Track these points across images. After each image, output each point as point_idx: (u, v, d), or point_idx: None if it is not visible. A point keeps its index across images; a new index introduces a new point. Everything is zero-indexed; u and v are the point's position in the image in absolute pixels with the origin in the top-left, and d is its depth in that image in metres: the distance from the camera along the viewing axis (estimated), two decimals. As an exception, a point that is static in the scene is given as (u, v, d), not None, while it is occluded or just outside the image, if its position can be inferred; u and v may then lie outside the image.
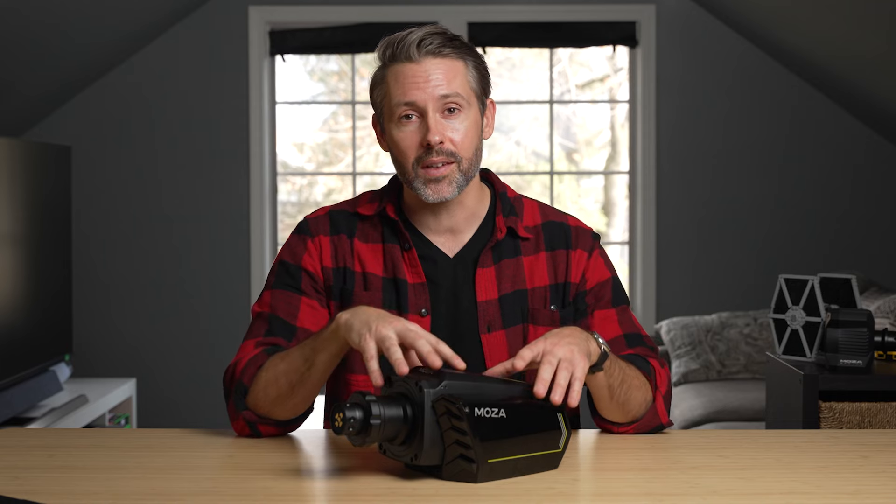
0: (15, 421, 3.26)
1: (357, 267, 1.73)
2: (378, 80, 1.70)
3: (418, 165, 1.66)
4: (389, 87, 1.67)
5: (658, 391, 1.68)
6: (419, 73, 1.64)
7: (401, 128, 1.67)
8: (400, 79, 1.66)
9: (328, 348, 1.54)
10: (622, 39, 4.91)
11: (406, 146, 1.67)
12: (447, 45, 1.66)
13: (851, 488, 1.37)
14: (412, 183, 1.68)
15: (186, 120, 4.91)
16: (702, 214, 4.93)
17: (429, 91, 1.64)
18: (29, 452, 1.57)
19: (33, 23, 3.82)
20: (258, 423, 1.64)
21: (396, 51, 1.66)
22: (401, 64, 1.66)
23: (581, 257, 1.76)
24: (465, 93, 1.67)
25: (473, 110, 1.69)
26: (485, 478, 1.35)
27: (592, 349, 1.52)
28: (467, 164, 1.67)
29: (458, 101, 1.66)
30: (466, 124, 1.67)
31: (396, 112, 1.66)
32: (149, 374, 4.89)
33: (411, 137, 1.66)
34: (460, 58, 1.68)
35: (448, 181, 1.66)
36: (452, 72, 1.66)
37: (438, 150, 1.64)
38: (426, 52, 1.65)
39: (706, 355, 4.35)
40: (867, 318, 2.36)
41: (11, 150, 3.39)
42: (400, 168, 1.70)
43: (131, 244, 4.93)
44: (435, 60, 1.65)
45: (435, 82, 1.64)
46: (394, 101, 1.66)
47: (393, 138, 1.68)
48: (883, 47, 3.96)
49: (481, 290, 1.72)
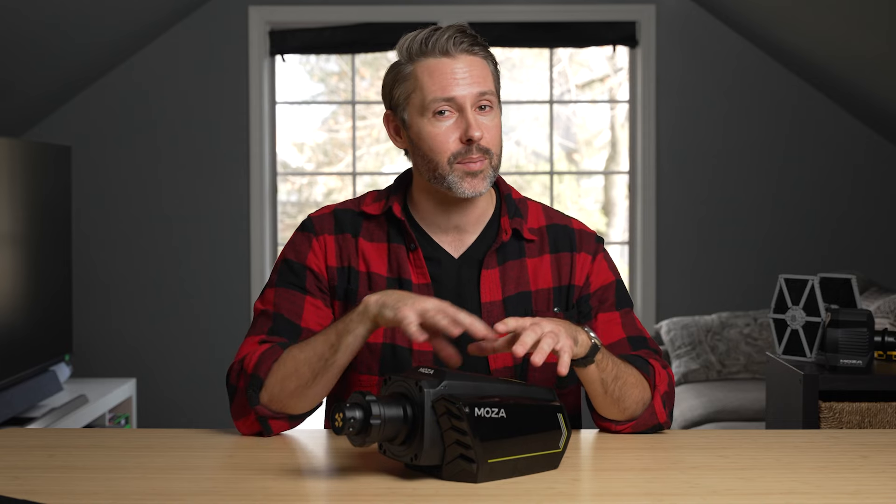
0: (15, 421, 3.26)
1: (362, 267, 1.73)
2: (403, 76, 1.69)
3: (455, 161, 1.66)
4: (421, 82, 1.66)
5: (657, 390, 1.68)
6: (457, 69, 1.66)
7: (436, 123, 1.66)
8: (436, 74, 1.65)
9: (355, 330, 1.56)
10: (622, 39, 4.91)
11: (442, 141, 1.66)
12: (477, 44, 1.69)
13: (851, 488, 1.37)
14: (445, 178, 1.67)
15: (186, 120, 4.91)
16: (702, 214, 4.93)
17: (468, 87, 1.65)
18: (29, 452, 1.57)
19: (33, 23, 3.82)
20: (270, 419, 1.63)
21: (428, 46, 1.66)
22: (435, 59, 1.66)
23: (585, 260, 1.77)
24: (494, 90, 1.70)
25: (498, 108, 1.72)
26: (485, 478, 1.35)
27: (581, 339, 1.53)
28: (497, 161, 1.70)
29: (491, 99, 1.68)
30: (496, 121, 1.70)
31: (432, 107, 1.66)
32: (149, 374, 4.89)
33: (449, 133, 1.66)
34: (486, 58, 1.70)
35: (483, 176, 1.68)
36: (484, 69, 1.69)
37: (478, 146, 1.66)
38: (461, 50, 1.66)
39: (706, 355, 4.35)
40: (867, 318, 2.36)
41: (11, 150, 3.39)
42: (430, 164, 1.68)
43: (131, 244, 4.93)
44: (469, 58, 1.67)
45: (472, 79, 1.66)
46: (429, 96, 1.65)
47: (425, 133, 1.67)
48: (883, 47, 3.97)
49: (486, 291, 1.72)
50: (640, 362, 1.69)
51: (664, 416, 1.68)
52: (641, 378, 1.66)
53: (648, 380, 1.67)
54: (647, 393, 1.67)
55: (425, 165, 1.69)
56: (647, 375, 1.67)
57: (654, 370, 1.69)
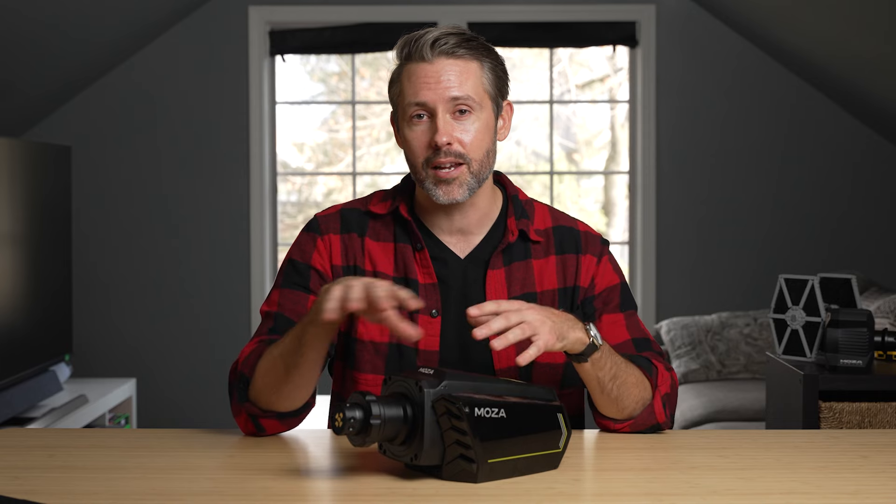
0: (15, 421, 3.26)
1: (368, 266, 1.74)
2: (394, 78, 1.71)
3: (427, 166, 1.67)
4: (403, 86, 1.68)
5: (658, 390, 1.68)
6: (431, 73, 1.65)
7: (412, 127, 1.68)
8: (413, 78, 1.66)
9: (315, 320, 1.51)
10: (622, 39, 4.91)
11: (416, 146, 1.67)
12: (463, 45, 1.66)
13: (851, 488, 1.37)
14: (423, 183, 1.68)
15: (186, 120, 4.91)
16: (702, 214, 4.93)
17: (439, 92, 1.64)
18: (29, 452, 1.57)
19: (33, 23, 3.82)
20: (260, 417, 1.64)
21: (412, 50, 1.66)
22: (415, 63, 1.67)
23: (590, 262, 1.77)
24: (477, 95, 1.67)
25: (486, 112, 1.69)
26: (485, 478, 1.35)
27: (572, 336, 1.52)
28: (477, 166, 1.68)
29: (469, 104, 1.66)
30: (477, 126, 1.67)
31: (408, 111, 1.67)
32: (149, 374, 4.89)
33: (421, 137, 1.67)
34: (475, 59, 1.68)
35: (458, 183, 1.66)
36: (466, 73, 1.66)
37: (447, 151, 1.64)
38: (440, 52, 1.65)
39: (706, 355, 4.35)
40: (867, 318, 2.36)
41: (11, 150, 3.39)
42: (412, 167, 1.71)
43: (131, 244, 4.93)
44: (448, 61, 1.66)
45: (446, 83, 1.65)
46: (406, 100, 1.67)
47: (406, 137, 1.69)
48: (882, 47, 3.97)
49: (491, 291, 1.72)
50: (643, 362, 1.69)
51: (663, 417, 1.68)
52: (643, 378, 1.66)
53: (650, 380, 1.67)
54: (647, 393, 1.67)
55: (410, 167, 1.72)
56: (649, 376, 1.67)
57: (657, 370, 1.69)
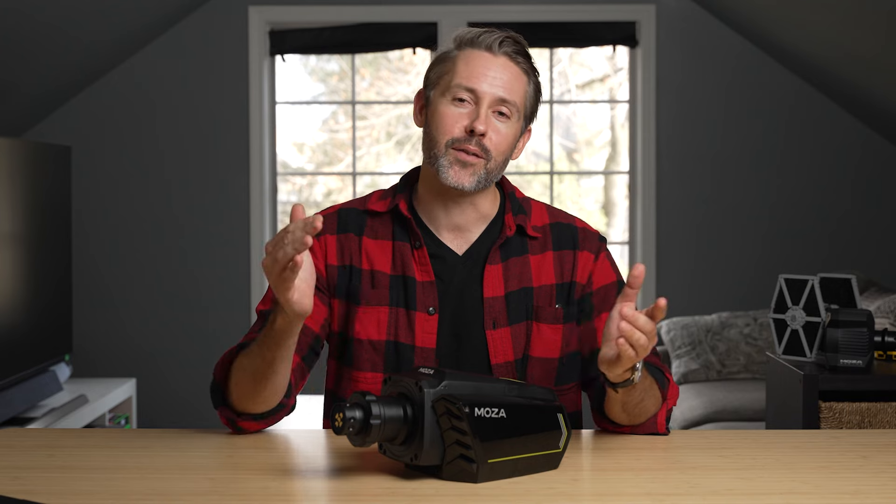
0: (15, 421, 3.26)
1: (365, 265, 1.75)
2: (444, 58, 1.73)
3: (451, 146, 1.68)
4: (457, 67, 1.70)
5: (666, 403, 1.69)
6: (492, 65, 1.69)
7: (451, 106, 1.69)
8: (471, 63, 1.69)
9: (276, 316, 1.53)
10: (622, 39, 4.91)
11: (449, 123, 1.69)
12: (522, 54, 1.72)
13: (851, 488, 1.37)
14: (438, 160, 1.69)
15: (187, 120, 4.91)
16: (701, 214, 4.93)
17: (494, 87, 1.68)
18: (29, 452, 1.57)
19: (33, 23, 3.82)
20: (238, 420, 1.65)
21: (478, 39, 1.70)
22: (478, 51, 1.70)
23: (588, 259, 1.78)
24: (518, 104, 1.71)
25: (517, 124, 1.73)
26: (485, 478, 1.35)
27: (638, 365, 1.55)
28: (494, 166, 1.70)
29: (511, 109, 1.70)
30: (509, 131, 1.71)
31: (454, 91, 1.69)
32: (149, 374, 4.89)
33: (458, 118, 1.69)
34: (526, 73, 1.73)
35: (473, 171, 1.68)
36: (518, 81, 1.71)
37: (478, 140, 1.67)
38: (504, 52, 1.70)
39: (706, 355, 4.35)
40: (867, 318, 2.36)
41: (11, 150, 3.39)
42: (431, 142, 1.71)
43: (131, 244, 4.93)
44: (509, 63, 1.70)
45: (500, 82, 1.69)
46: (456, 80, 1.69)
47: (439, 112, 1.70)
48: (882, 47, 3.97)
49: (489, 286, 1.73)
50: (657, 375, 1.70)
51: (664, 428, 1.70)
52: (659, 396, 1.67)
53: (662, 393, 1.68)
54: (657, 408, 1.68)
55: (428, 143, 1.72)
56: (662, 389, 1.69)
57: (669, 384, 1.71)
